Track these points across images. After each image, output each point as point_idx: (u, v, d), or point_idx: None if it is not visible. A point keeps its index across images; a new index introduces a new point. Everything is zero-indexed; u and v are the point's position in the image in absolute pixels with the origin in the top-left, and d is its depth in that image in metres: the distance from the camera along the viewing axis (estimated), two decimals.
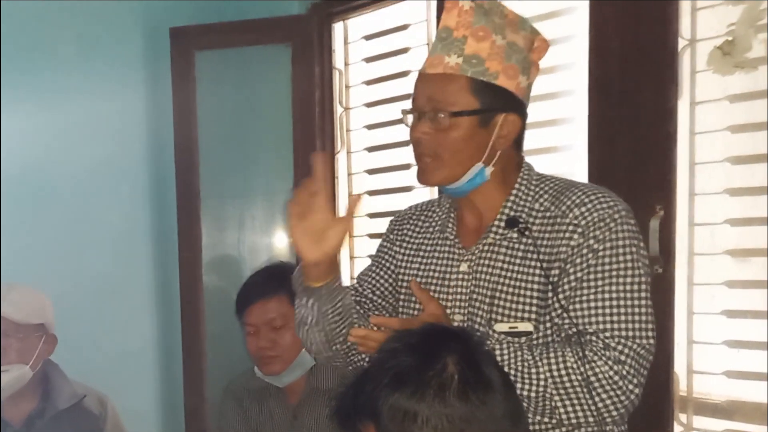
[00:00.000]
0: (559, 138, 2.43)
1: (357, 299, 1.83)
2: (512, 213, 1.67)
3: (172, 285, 3.36)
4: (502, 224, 1.67)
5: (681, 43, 2.13)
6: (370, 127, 3.07)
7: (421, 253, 1.80)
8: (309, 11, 3.19)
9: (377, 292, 1.85)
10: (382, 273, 1.87)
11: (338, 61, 3.18)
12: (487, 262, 1.68)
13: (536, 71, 1.73)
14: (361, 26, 3.11)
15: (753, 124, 2.02)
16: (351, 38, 3.16)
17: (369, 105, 3.06)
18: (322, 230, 1.60)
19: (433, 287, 1.74)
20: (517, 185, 1.70)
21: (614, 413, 1.54)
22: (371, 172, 3.07)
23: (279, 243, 3.38)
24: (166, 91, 3.28)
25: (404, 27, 2.89)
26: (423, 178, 1.69)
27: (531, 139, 2.42)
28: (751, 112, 2.02)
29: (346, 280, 3.16)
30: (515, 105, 1.66)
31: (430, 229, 1.82)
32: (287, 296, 2.37)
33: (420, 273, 1.79)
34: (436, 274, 1.75)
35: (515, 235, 1.65)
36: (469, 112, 1.62)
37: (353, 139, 3.19)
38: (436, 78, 1.64)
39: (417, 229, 1.85)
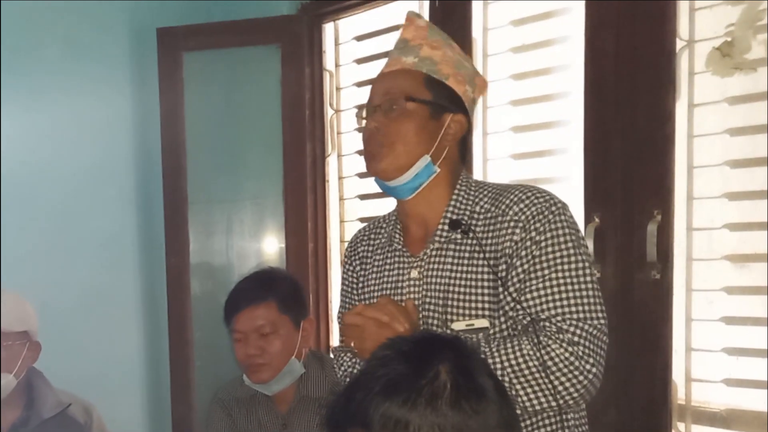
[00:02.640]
0: (554, 141, 2.41)
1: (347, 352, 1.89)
2: (454, 216, 1.76)
3: (159, 291, 3.34)
4: (446, 227, 1.76)
5: (679, 44, 2.12)
6: (361, 129, 3.01)
7: (375, 268, 1.89)
8: (299, 11, 3.18)
9: None
10: (355, 302, 1.95)
11: (329, 62, 3.17)
12: (436, 266, 1.76)
13: (479, 95, 1.87)
14: (352, 27, 3.09)
15: (752, 127, 2.01)
16: (342, 39, 3.15)
17: (360, 107, 2.99)
18: None
19: (386, 293, 1.82)
20: (456, 191, 1.79)
21: (574, 394, 1.59)
22: (362, 175, 3.04)
23: (268, 248, 3.36)
24: (153, 93, 3.26)
25: (396, 27, 2.85)
26: (371, 165, 1.79)
27: (526, 142, 2.46)
28: (751, 114, 2.01)
29: (337, 285, 3.15)
30: (462, 108, 1.80)
31: (380, 244, 1.91)
32: (276, 303, 2.37)
33: (374, 286, 1.87)
34: (389, 285, 1.83)
35: (459, 236, 1.74)
36: (423, 100, 1.75)
37: (344, 141, 3.18)
38: (393, 74, 1.80)
39: (370, 248, 1.94)
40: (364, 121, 1.83)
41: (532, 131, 2.46)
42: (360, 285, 1.93)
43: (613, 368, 1.68)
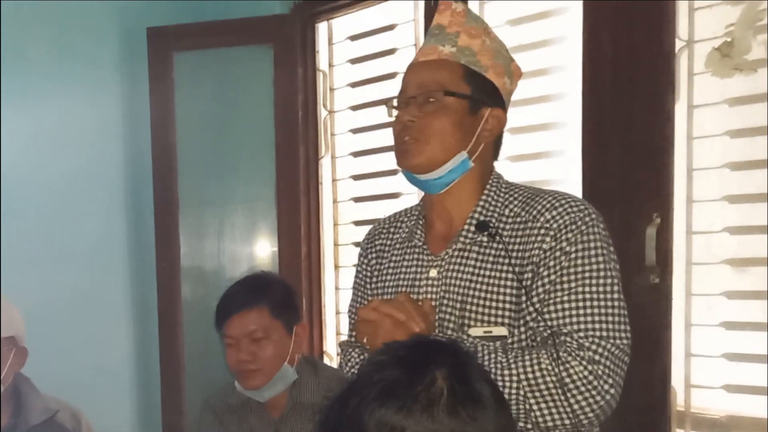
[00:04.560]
0: (551, 143, 2.40)
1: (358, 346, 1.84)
2: (482, 218, 1.70)
3: (150, 296, 3.33)
4: (472, 228, 1.70)
5: (678, 44, 2.11)
6: (355, 131, 3.04)
7: (392, 263, 1.83)
8: (292, 11, 3.17)
9: None
10: (367, 296, 1.89)
11: (322, 62, 3.16)
12: (456, 267, 1.70)
13: (516, 85, 1.81)
14: (346, 26, 3.08)
15: (752, 129, 2.00)
16: (336, 39, 3.14)
17: (354, 108, 3.03)
18: None
19: (402, 290, 1.76)
20: (486, 191, 1.73)
21: (590, 414, 1.55)
22: (357, 177, 3.03)
23: (260, 252, 3.35)
24: (143, 94, 3.26)
25: (391, 27, 2.87)
26: (404, 159, 1.71)
27: (522, 144, 2.45)
28: (751, 116, 2.00)
29: (331, 290, 3.15)
30: (500, 102, 1.73)
31: (400, 239, 1.85)
32: (268, 307, 2.34)
33: (389, 281, 1.81)
34: (406, 282, 1.77)
35: (485, 239, 1.68)
36: (462, 94, 1.67)
37: (338, 143, 3.16)
38: (429, 64, 1.71)
39: (389, 242, 1.88)
40: (395, 112, 1.76)
41: (529, 133, 2.44)
42: (374, 280, 1.87)
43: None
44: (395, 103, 1.77)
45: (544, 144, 2.41)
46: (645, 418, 2.15)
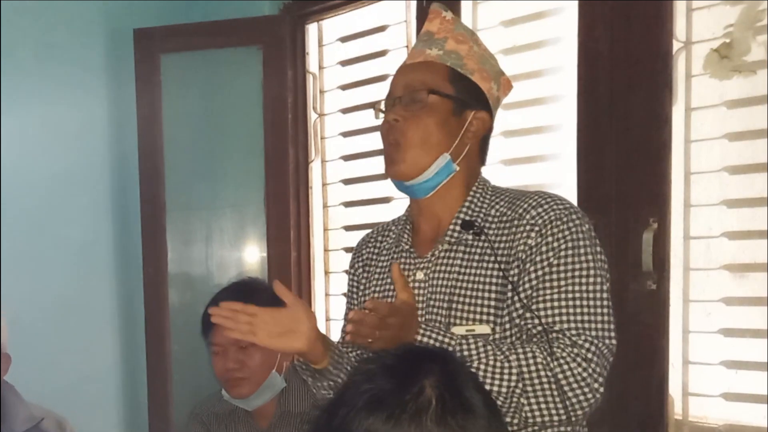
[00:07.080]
0: (546, 146, 2.39)
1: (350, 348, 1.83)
2: (467, 217, 1.73)
3: (136, 302, 3.31)
4: (458, 228, 1.73)
5: (675, 45, 2.10)
6: (345, 134, 3.03)
7: (378, 270, 1.86)
8: (281, 12, 3.16)
9: None
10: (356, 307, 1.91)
11: (312, 64, 3.15)
12: (443, 267, 1.72)
13: (504, 95, 1.84)
14: (337, 27, 3.07)
15: (751, 132, 1.99)
16: (326, 40, 3.13)
17: (345, 111, 3.01)
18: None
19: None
20: (472, 193, 1.76)
21: (579, 412, 1.58)
22: (347, 181, 3.02)
23: (249, 257, 3.34)
24: (130, 96, 3.24)
25: (382, 28, 2.86)
26: (390, 169, 1.75)
27: (517, 148, 2.45)
28: (750, 118, 1.99)
29: (321, 296, 3.13)
30: (486, 106, 1.76)
31: (387, 246, 1.88)
32: None
33: (377, 289, 1.84)
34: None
35: (470, 238, 1.71)
36: (446, 94, 1.71)
37: (328, 147, 3.15)
38: (415, 66, 1.76)
39: (376, 250, 1.91)
40: (382, 115, 1.79)
41: (523, 136, 2.43)
42: (362, 288, 1.89)
43: (607, 381, 1.65)
44: (383, 106, 1.80)
45: (539, 147, 2.40)
46: (642, 426, 2.14)
